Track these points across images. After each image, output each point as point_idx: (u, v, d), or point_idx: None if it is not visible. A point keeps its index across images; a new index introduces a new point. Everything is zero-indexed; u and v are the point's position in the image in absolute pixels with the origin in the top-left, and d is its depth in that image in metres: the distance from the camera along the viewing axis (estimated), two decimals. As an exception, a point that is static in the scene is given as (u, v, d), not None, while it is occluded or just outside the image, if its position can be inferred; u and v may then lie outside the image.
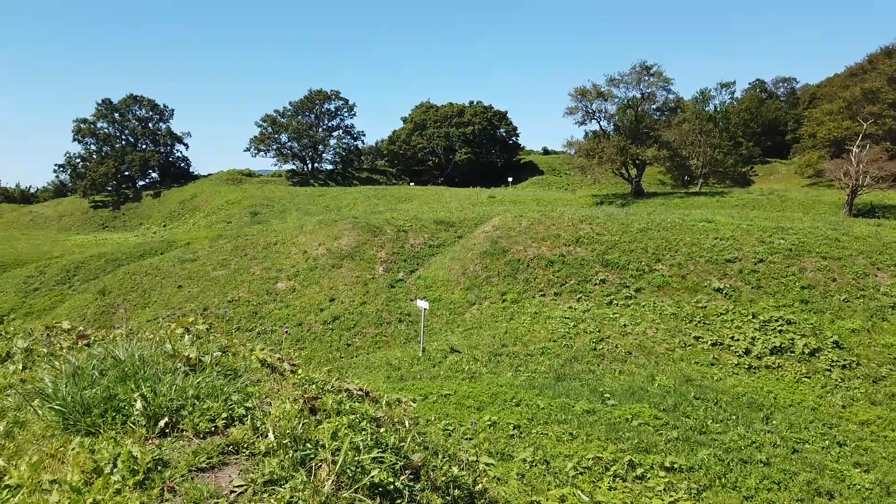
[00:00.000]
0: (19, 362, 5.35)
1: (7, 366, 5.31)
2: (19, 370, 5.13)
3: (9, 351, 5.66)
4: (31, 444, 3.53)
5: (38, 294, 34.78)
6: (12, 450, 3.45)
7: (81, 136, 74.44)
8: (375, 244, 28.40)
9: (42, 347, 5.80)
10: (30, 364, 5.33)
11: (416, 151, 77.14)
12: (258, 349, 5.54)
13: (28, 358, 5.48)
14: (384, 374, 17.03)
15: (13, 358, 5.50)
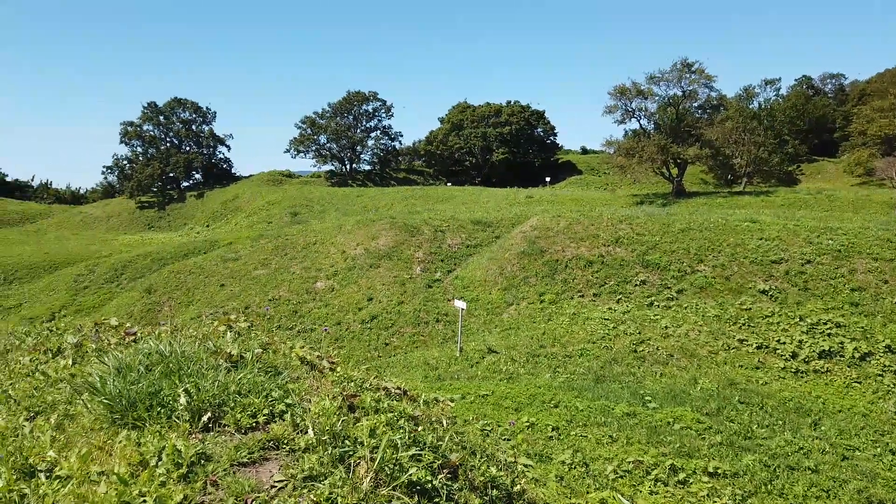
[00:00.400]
0: (70, 357, 5.53)
1: (58, 360, 5.49)
2: (69, 365, 5.30)
3: (60, 346, 5.86)
4: (81, 436, 3.63)
5: (88, 292, 35.94)
6: (62, 442, 3.55)
7: (128, 138, 76.70)
8: (413, 244, 28.51)
9: (91, 343, 5.97)
10: (79, 359, 5.50)
11: (454, 152, 77.21)
12: (298, 347, 5.60)
13: (78, 353, 5.66)
14: (422, 374, 17.07)
15: (64, 353, 5.68)
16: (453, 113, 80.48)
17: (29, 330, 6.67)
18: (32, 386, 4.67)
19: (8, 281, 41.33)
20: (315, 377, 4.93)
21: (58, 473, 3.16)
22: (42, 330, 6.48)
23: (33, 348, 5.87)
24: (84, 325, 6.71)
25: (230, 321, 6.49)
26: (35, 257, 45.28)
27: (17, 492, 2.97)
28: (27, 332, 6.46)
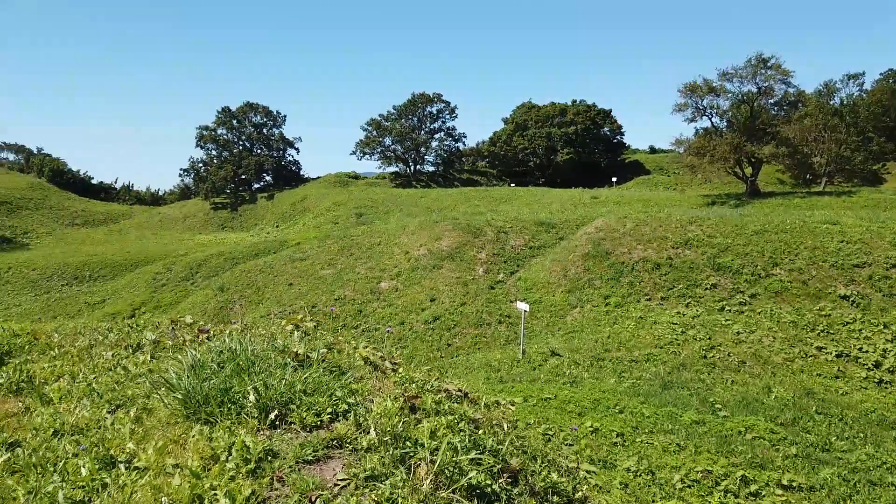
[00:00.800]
0: (148, 353, 5.82)
1: (138, 356, 5.79)
2: (148, 360, 5.57)
3: (139, 342, 6.17)
4: (157, 429, 3.81)
5: (165, 289, 37.68)
6: (140, 434, 3.74)
7: (203, 142, 79.96)
8: (476, 245, 28.53)
9: (168, 340, 6.27)
10: (157, 354, 5.78)
11: (517, 152, 76.78)
12: (361, 347, 5.70)
13: (156, 349, 5.95)
14: (483, 375, 17.05)
15: (143, 349, 5.99)
16: (517, 113, 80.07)
17: (111, 326, 7.06)
18: (114, 380, 4.95)
19: (93, 278, 43.81)
20: (378, 377, 5.01)
21: (136, 464, 3.33)
22: (123, 326, 6.84)
23: (115, 344, 6.21)
24: (161, 322, 7.05)
25: (298, 321, 6.67)
26: (117, 256, 47.79)
27: (99, 481, 3.14)
28: (109, 328, 6.84)
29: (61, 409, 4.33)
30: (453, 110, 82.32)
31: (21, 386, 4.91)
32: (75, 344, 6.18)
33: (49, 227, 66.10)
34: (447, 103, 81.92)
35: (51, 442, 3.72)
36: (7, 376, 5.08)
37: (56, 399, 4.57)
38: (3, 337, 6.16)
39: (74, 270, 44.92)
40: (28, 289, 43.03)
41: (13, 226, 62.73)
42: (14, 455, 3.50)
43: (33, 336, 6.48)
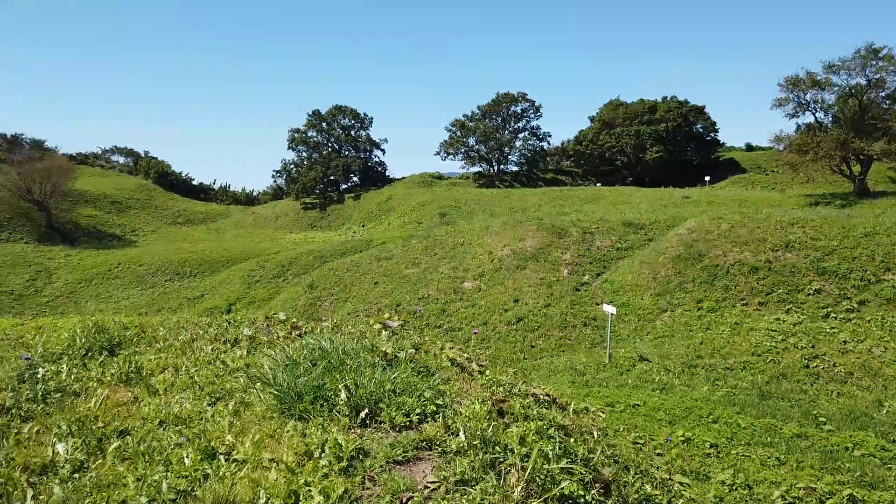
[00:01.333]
0: (244, 348, 6.04)
1: (235, 351, 6.03)
2: (244, 355, 5.79)
3: (237, 337, 6.42)
4: (254, 423, 3.94)
5: (259, 286, 39.36)
6: (238, 427, 3.87)
7: (294, 144, 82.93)
8: (560, 246, 28.09)
9: (263, 336, 6.50)
10: (253, 350, 5.99)
11: (604, 151, 75.02)
12: (448, 348, 5.69)
13: (252, 344, 6.17)
14: (568, 379, 16.75)
15: (240, 344, 6.23)
16: (604, 111, 78.21)
17: (211, 321, 7.40)
18: (213, 373, 5.16)
19: (192, 274, 46.37)
20: (465, 379, 4.98)
21: (235, 457, 3.45)
22: (221, 322, 7.15)
23: (214, 338, 6.49)
24: (257, 318, 7.32)
25: (384, 320, 6.76)
26: (215, 253, 50.36)
27: (201, 471, 3.27)
28: (209, 323, 7.17)
29: (166, 400, 4.56)
30: (538, 109, 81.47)
31: (130, 376, 5.21)
32: (178, 338, 6.51)
33: (154, 225, 70.51)
34: (532, 102, 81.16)
35: (157, 431, 3.91)
36: (118, 367, 5.41)
37: (161, 390, 4.82)
38: (115, 329, 6.57)
39: (176, 267, 47.69)
40: (135, 283, 46.07)
41: (123, 224, 67.31)
42: (124, 443, 3.70)
43: (141, 329, 6.88)
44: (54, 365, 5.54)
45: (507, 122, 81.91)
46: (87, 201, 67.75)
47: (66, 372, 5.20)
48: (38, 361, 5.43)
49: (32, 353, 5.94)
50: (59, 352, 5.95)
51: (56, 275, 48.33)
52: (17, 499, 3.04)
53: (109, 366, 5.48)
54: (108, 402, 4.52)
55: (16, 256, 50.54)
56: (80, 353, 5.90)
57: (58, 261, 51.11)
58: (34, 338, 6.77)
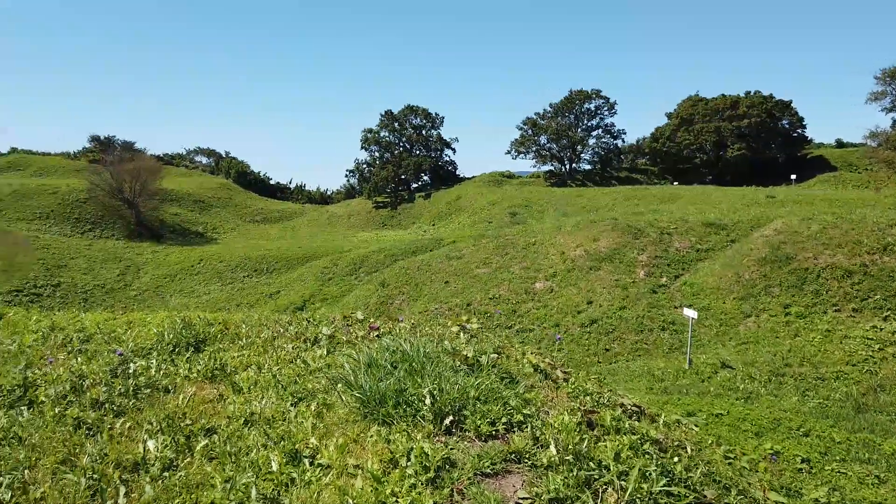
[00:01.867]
0: (324, 347, 6.04)
1: (315, 349, 6.03)
2: (325, 355, 5.78)
3: (316, 336, 6.44)
4: (337, 426, 3.88)
5: (332, 283, 40.16)
6: (322, 430, 3.82)
7: (367, 144, 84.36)
8: (636, 247, 27.27)
9: (342, 335, 6.49)
10: (332, 349, 5.98)
11: (682, 148, 72.52)
12: (530, 353, 5.50)
13: (331, 344, 6.17)
14: (645, 385, 16.18)
15: (319, 343, 6.23)
16: (683, 107, 75.58)
17: (291, 319, 7.47)
18: (295, 372, 5.17)
19: (269, 271, 47.83)
20: (549, 387, 4.78)
21: (319, 461, 3.39)
22: (301, 320, 7.21)
23: (295, 336, 6.53)
24: (335, 317, 7.34)
25: (463, 322, 6.63)
26: (290, 251, 51.78)
27: (286, 475, 3.22)
28: (289, 321, 7.24)
29: (250, 398, 4.58)
30: (612, 106, 79.63)
31: (215, 373, 5.28)
32: (260, 335, 6.59)
33: (234, 223, 73.25)
34: (606, 99, 79.43)
35: (242, 431, 3.92)
36: (204, 363, 5.50)
37: (245, 388, 4.86)
38: (200, 326, 6.72)
39: (254, 263, 49.33)
40: (216, 279, 47.94)
41: (205, 222, 70.26)
42: (211, 442, 3.72)
43: (224, 326, 7.02)
44: (144, 360, 5.70)
45: (580, 120, 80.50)
46: (172, 200, 71.09)
47: (155, 367, 5.33)
48: (129, 356, 5.59)
49: (124, 347, 6.15)
50: (149, 347, 6.12)
51: (143, 270, 50.93)
52: (110, 496, 3.08)
53: (196, 362, 5.59)
54: (195, 399, 4.58)
55: (108, 252, 53.58)
56: (168, 349, 6.05)
57: (145, 256, 53.88)
58: (125, 332, 7.02)
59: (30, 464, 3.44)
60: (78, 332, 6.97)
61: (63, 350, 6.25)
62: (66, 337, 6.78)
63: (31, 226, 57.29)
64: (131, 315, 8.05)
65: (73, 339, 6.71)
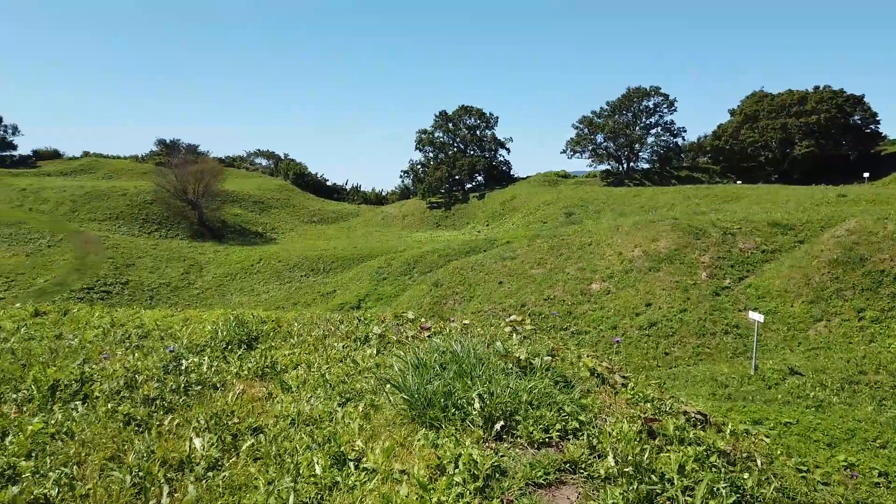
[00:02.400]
0: (374, 346, 5.94)
1: (365, 348, 5.95)
2: (374, 354, 5.69)
3: (367, 335, 6.35)
4: (384, 428, 3.75)
5: (386, 283, 40.43)
6: (369, 432, 3.69)
7: (421, 144, 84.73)
8: (698, 247, 26.36)
9: (392, 334, 6.39)
10: (383, 349, 5.89)
11: (746, 146, 69.87)
12: (586, 356, 5.26)
13: (381, 343, 6.07)
14: (708, 391, 15.56)
15: (370, 342, 6.14)
16: (747, 103, 72.81)
17: (342, 318, 7.43)
18: (344, 372, 5.08)
19: (325, 270, 48.57)
20: (606, 392, 4.53)
21: (364, 465, 3.26)
22: (352, 319, 7.15)
23: (346, 336, 6.47)
24: (386, 316, 7.25)
25: (517, 323, 6.43)
26: (346, 251, 52.46)
27: (330, 478, 3.11)
28: (341, 319, 7.19)
29: (298, 397, 4.52)
30: (672, 103, 77.46)
31: (265, 371, 5.26)
32: (311, 333, 6.56)
33: (292, 223, 74.81)
34: (665, 96, 77.32)
35: (288, 431, 3.84)
36: (255, 361, 5.49)
37: (294, 386, 4.80)
38: (253, 323, 6.75)
39: (311, 263, 50.19)
40: (274, 278, 49.00)
41: (265, 223, 72.00)
42: (257, 441, 3.65)
43: (277, 324, 7.03)
44: (197, 357, 5.74)
45: (638, 118, 78.63)
46: (233, 201, 73.16)
47: (206, 364, 5.34)
48: (182, 353, 5.63)
49: (178, 344, 6.22)
50: (203, 343, 6.16)
51: (206, 269, 52.54)
52: (153, 495, 3.03)
53: (247, 360, 5.58)
54: (243, 398, 4.55)
55: (172, 251, 55.52)
56: (220, 346, 6.08)
57: (207, 256, 55.59)
58: (181, 329, 7.12)
59: (79, 459, 3.44)
60: (136, 329, 7.12)
61: (121, 346, 6.37)
62: (125, 333, 6.92)
63: (101, 226, 59.94)
64: (188, 312, 8.19)
65: (131, 335, 6.85)
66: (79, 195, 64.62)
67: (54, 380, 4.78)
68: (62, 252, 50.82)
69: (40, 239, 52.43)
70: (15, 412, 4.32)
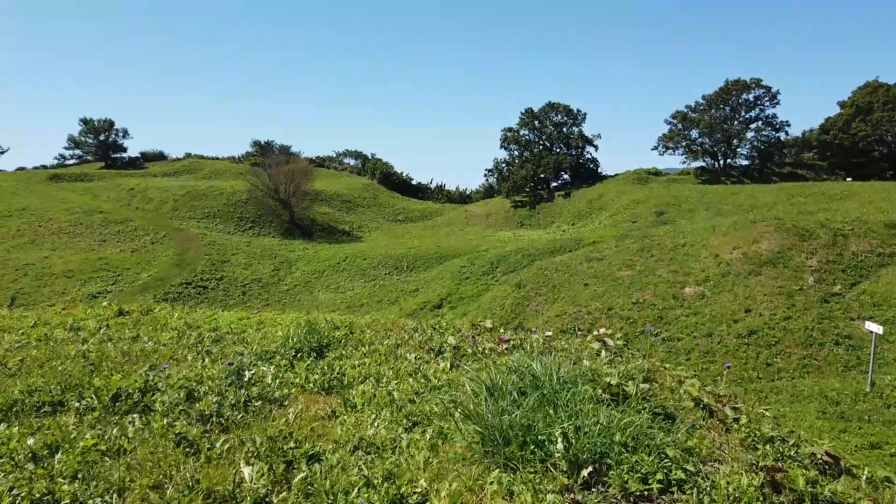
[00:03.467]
0: (448, 359, 5.48)
1: (438, 361, 5.50)
2: (447, 368, 5.23)
3: (441, 346, 5.91)
4: (453, 464, 3.28)
5: (468, 282, 40.09)
6: (435, 469, 3.23)
7: (507, 143, 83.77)
8: (804, 250, 24.38)
9: (468, 345, 5.92)
10: (457, 362, 5.42)
11: (857, 140, 64.69)
12: (689, 382, 4.58)
13: (455, 356, 5.60)
14: (817, 408, 14.17)
15: (443, 354, 5.69)
16: (859, 95, 67.33)
17: (417, 324, 7.04)
18: (413, 389, 4.65)
19: (409, 269, 48.82)
20: (716, 429, 3.87)
21: (428, 509, 2.81)
22: (427, 327, 6.74)
23: (419, 346, 6.06)
24: (463, 325, 6.80)
25: (605, 336, 5.80)
26: (430, 250, 52.55)
27: (386, 529, 2.67)
28: (415, 327, 6.81)
29: (363, 418, 4.13)
30: (774, 96, 72.67)
31: (332, 384, 4.92)
32: (384, 342, 6.20)
33: (377, 222, 75.94)
34: (767, 88, 72.65)
35: (347, 460, 3.44)
36: (322, 373, 5.16)
37: (360, 404, 4.42)
38: (326, 329, 6.46)
39: (395, 261, 50.62)
40: (359, 276, 49.75)
41: (351, 221, 73.45)
42: (311, 473, 3.27)
43: (350, 330, 6.72)
44: (266, 364, 5.50)
45: (737, 112, 74.39)
46: (322, 200, 75.07)
47: (272, 375, 5.05)
48: (247, 363, 5.37)
49: (249, 350, 6.01)
50: (273, 350, 5.93)
51: (295, 266, 54.08)
52: (187, 539, 2.70)
53: (314, 370, 5.27)
54: (305, 416, 4.20)
55: (264, 249, 57.55)
56: (290, 354, 5.82)
57: (297, 253, 57.24)
58: (255, 332, 6.95)
59: (122, 486, 3.17)
60: (211, 332, 7.00)
61: (192, 350, 6.23)
62: (199, 336, 6.81)
63: (199, 224, 62.98)
64: (265, 315, 8.04)
65: (204, 338, 6.73)
66: (180, 195, 68.21)
67: (118, 388, 4.62)
68: (164, 248, 53.74)
69: (145, 236, 55.63)
70: (75, 422, 4.16)
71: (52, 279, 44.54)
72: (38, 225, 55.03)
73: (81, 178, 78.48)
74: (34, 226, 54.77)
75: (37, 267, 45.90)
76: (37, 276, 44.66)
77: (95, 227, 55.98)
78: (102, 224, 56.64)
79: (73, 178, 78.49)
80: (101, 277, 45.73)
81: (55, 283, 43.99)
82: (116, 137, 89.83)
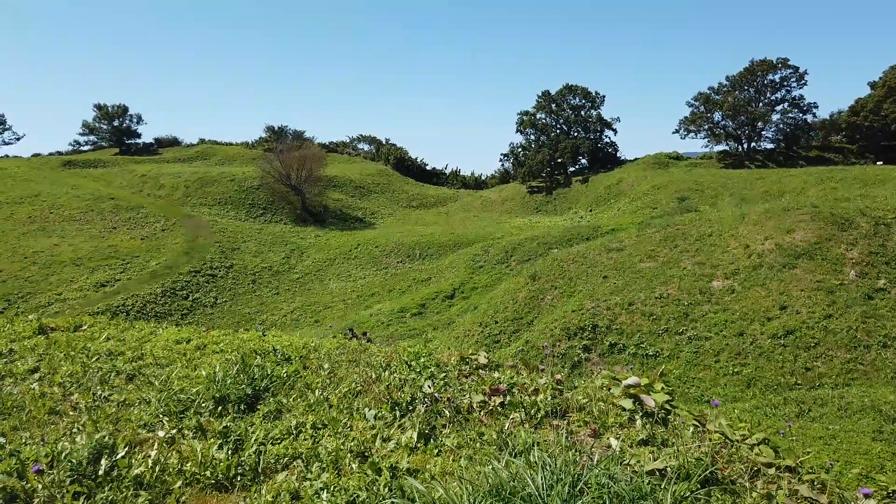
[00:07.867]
0: (417, 425, 3.92)
1: (405, 426, 3.96)
2: (412, 441, 3.68)
3: (412, 397, 4.35)
4: None
5: (482, 271, 38.50)
6: None
7: (523, 127, 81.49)
8: (843, 240, 22.43)
9: (447, 392, 4.37)
10: (430, 425, 3.88)
11: (889, 123, 61.81)
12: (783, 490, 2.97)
13: (430, 413, 4.06)
14: (871, 425, 12.44)
15: (414, 411, 4.14)
16: (891, 75, 64.20)
17: (393, 352, 5.52)
18: (354, 490, 3.13)
19: (422, 257, 47.34)
20: None
21: None
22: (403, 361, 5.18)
23: (385, 393, 4.49)
24: (449, 358, 5.23)
25: (637, 389, 4.20)
26: (443, 237, 50.98)
27: None
28: (388, 361, 5.26)
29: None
30: (802, 77, 69.62)
31: (238, 472, 3.39)
32: (339, 388, 4.66)
33: (391, 208, 74.41)
34: (795, 69, 69.62)
35: None
36: (231, 448, 3.64)
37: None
38: (269, 365, 4.95)
39: (408, 249, 49.14)
40: (371, 264, 48.37)
41: (364, 207, 72.00)
42: None
43: (303, 364, 5.20)
44: (178, 421, 4.01)
45: (762, 93, 71.49)
46: (334, 186, 73.64)
47: (154, 457, 3.54)
48: (141, 423, 3.85)
49: (162, 396, 4.50)
50: (186, 405, 4.41)
51: (306, 253, 52.83)
52: None
53: (222, 444, 3.76)
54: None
55: (275, 236, 56.36)
56: (209, 406, 4.31)
57: (308, 240, 55.99)
58: (188, 362, 5.47)
59: None
60: (130, 363, 5.50)
61: (85, 396, 4.72)
62: (110, 370, 5.30)
63: (211, 210, 61.93)
64: (207, 337, 6.51)
65: (114, 375, 5.22)
66: (192, 181, 67.18)
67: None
68: (174, 236, 52.73)
69: (155, 223, 54.66)
70: None
71: (60, 267, 43.65)
72: (48, 212, 54.26)
73: (95, 165, 77.76)
74: (45, 213, 54.00)
75: (45, 255, 45.06)
76: (45, 264, 43.79)
77: (106, 213, 55.11)
78: (113, 211, 55.75)
79: (86, 164, 77.82)
80: (110, 265, 44.78)
81: (63, 272, 43.10)
82: (130, 123, 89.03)
